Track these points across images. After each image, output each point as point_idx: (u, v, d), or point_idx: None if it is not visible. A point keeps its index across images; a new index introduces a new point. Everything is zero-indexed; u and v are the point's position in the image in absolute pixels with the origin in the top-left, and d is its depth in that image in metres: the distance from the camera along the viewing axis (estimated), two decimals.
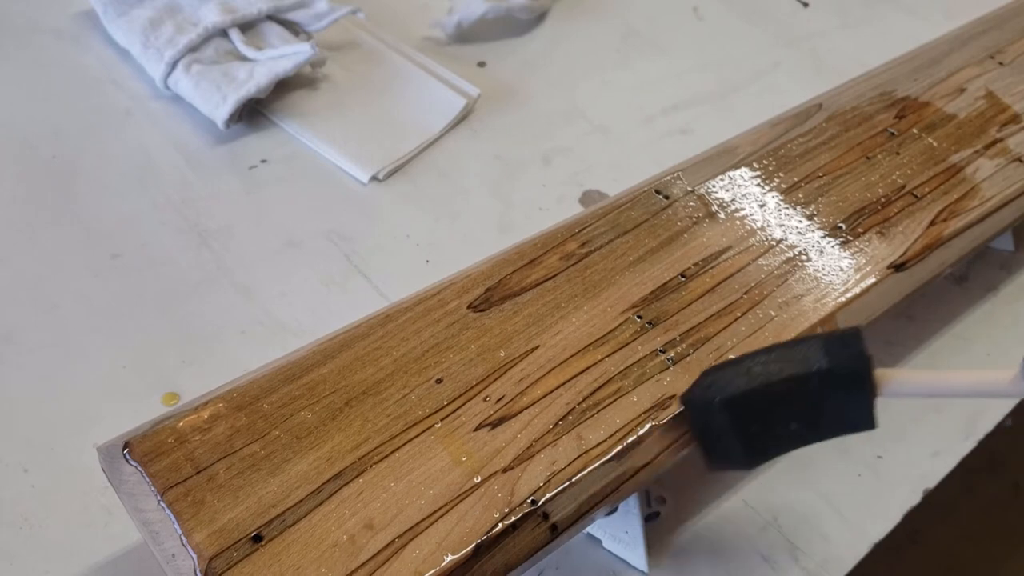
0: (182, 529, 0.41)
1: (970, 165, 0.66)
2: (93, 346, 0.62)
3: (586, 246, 0.57)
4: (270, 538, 0.42)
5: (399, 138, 0.78)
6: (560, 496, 0.45)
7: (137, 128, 0.77)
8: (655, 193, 0.61)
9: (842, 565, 0.57)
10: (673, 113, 0.85)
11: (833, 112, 0.69)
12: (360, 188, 0.75)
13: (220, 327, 0.64)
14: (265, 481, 0.43)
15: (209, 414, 0.46)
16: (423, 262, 0.70)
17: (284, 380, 0.48)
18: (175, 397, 0.59)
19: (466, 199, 0.75)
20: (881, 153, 0.66)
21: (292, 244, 0.70)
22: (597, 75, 0.89)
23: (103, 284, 0.65)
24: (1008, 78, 0.74)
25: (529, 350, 0.50)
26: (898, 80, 0.72)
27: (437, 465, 0.45)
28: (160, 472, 0.43)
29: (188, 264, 0.67)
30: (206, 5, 0.79)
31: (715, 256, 0.57)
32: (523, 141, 0.81)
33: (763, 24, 0.97)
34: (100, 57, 0.82)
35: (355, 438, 0.46)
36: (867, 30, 0.97)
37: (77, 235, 0.68)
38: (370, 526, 0.42)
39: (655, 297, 0.54)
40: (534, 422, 0.47)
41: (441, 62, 0.85)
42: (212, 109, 0.75)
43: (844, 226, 0.60)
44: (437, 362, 0.49)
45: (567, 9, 0.95)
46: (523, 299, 0.53)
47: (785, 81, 0.90)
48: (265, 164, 0.75)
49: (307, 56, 0.77)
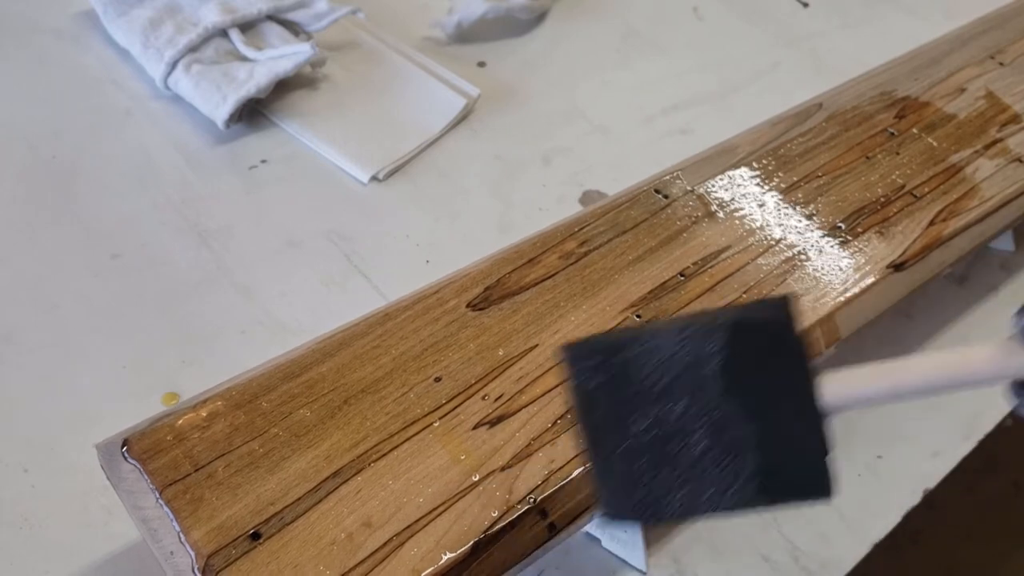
0: (180, 527, 0.41)
1: (970, 165, 0.66)
2: (93, 346, 0.62)
3: (585, 245, 0.56)
4: (268, 536, 0.42)
5: (399, 138, 0.78)
6: (558, 494, 0.45)
7: (137, 128, 0.77)
8: (655, 192, 0.61)
9: (842, 565, 0.57)
10: (673, 113, 0.85)
11: (833, 112, 0.69)
12: (360, 188, 0.75)
13: (220, 327, 0.64)
14: (264, 479, 0.43)
15: (208, 412, 0.46)
16: (423, 262, 0.70)
17: (283, 378, 0.48)
18: (175, 397, 0.59)
19: (466, 199, 0.75)
20: (881, 153, 0.66)
21: (292, 244, 0.70)
22: (597, 75, 0.89)
23: (103, 284, 0.65)
24: (1008, 78, 0.74)
25: (528, 349, 0.50)
26: (898, 80, 0.72)
27: (436, 463, 0.45)
28: (159, 470, 0.43)
29: (188, 264, 0.67)
30: (206, 5, 0.79)
31: (714, 255, 0.57)
32: (523, 141, 0.81)
33: (763, 24, 0.97)
34: (100, 57, 0.82)
35: (354, 436, 0.46)
36: (867, 30, 0.97)
37: (77, 235, 0.68)
38: (368, 524, 0.42)
39: (654, 296, 0.54)
40: (533, 421, 0.47)
41: (441, 62, 0.85)
42: (212, 109, 0.75)
43: (843, 226, 0.60)
44: (436, 360, 0.49)
45: (567, 9, 0.95)
46: (522, 298, 0.53)
47: (785, 81, 0.90)
48: (265, 164, 0.75)
49: (307, 56, 0.77)
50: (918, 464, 0.62)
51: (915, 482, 0.61)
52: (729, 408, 0.35)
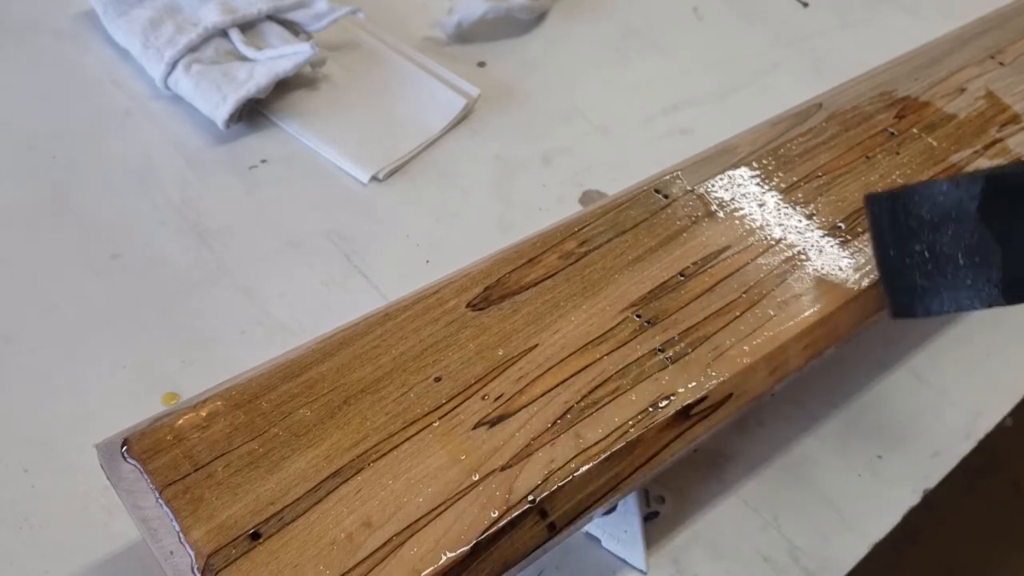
0: (180, 526, 0.41)
1: (970, 165, 0.66)
2: (93, 346, 0.62)
3: (585, 245, 0.56)
4: (268, 535, 0.42)
5: (399, 138, 0.78)
6: (558, 494, 0.45)
7: (137, 128, 0.77)
8: (654, 192, 0.61)
9: (842, 565, 0.57)
10: (673, 113, 0.85)
11: (833, 112, 0.68)
12: (360, 188, 0.75)
13: (220, 327, 0.64)
14: (263, 479, 0.43)
15: (208, 412, 0.46)
16: (423, 262, 0.70)
17: (283, 378, 0.48)
18: (175, 397, 0.59)
19: (466, 199, 0.75)
20: (881, 153, 0.65)
21: (292, 244, 0.70)
22: (597, 75, 0.89)
23: (103, 284, 0.66)
24: (1008, 78, 0.74)
25: (528, 349, 0.50)
26: (898, 80, 0.72)
27: (435, 463, 0.45)
28: (159, 469, 0.43)
29: (188, 264, 0.68)
30: (206, 5, 0.79)
31: (714, 255, 0.57)
32: (523, 141, 0.81)
33: (763, 24, 0.97)
34: (100, 57, 0.82)
35: (354, 436, 0.46)
36: (867, 30, 0.97)
37: (77, 235, 0.68)
38: (368, 524, 0.42)
39: (654, 296, 0.54)
40: (532, 420, 0.47)
41: (441, 62, 0.85)
42: (212, 109, 0.75)
43: (843, 226, 0.60)
44: (436, 360, 0.49)
45: (567, 9, 0.95)
46: (522, 298, 0.53)
47: (785, 81, 0.90)
48: (265, 164, 0.75)
49: (307, 56, 0.77)
50: (918, 464, 0.62)
51: (915, 482, 0.61)
52: (982, 234, 0.48)
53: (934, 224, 0.49)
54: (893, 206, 0.50)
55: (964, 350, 0.69)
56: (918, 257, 0.50)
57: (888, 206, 0.51)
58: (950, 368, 0.68)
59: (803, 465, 0.61)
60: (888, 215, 0.51)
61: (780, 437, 0.63)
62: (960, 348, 0.69)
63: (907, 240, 0.50)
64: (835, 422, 0.64)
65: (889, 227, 0.51)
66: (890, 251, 0.51)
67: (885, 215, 0.51)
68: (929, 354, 0.69)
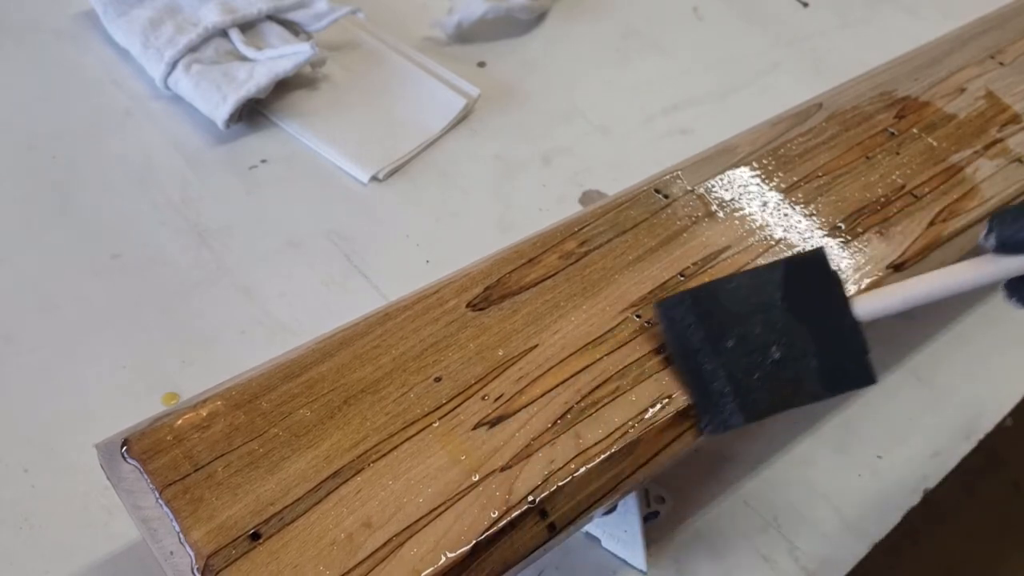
0: (180, 527, 0.41)
1: (970, 165, 0.66)
2: (93, 346, 0.62)
3: (585, 245, 0.56)
4: (268, 536, 0.42)
5: (399, 138, 0.78)
6: (558, 495, 0.45)
7: (137, 128, 0.77)
8: (655, 192, 0.61)
9: (842, 565, 0.57)
10: (673, 113, 0.85)
11: (833, 112, 0.68)
12: (360, 188, 0.75)
13: (220, 327, 0.64)
14: (263, 479, 0.43)
15: (208, 412, 0.46)
16: (423, 262, 0.70)
17: (283, 378, 0.48)
18: (175, 397, 0.59)
19: (466, 199, 0.75)
20: (881, 153, 0.65)
21: (292, 244, 0.70)
22: (597, 75, 0.89)
23: (103, 284, 0.66)
24: (1008, 78, 0.74)
25: (528, 349, 0.50)
26: (898, 80, 0.72)
27: (435, 463, 0.45)
28: (159, 470, 0.43)
29: (188, 264, 0.67)
30: (206, 5, 0.79)
31: (714, 255, 0.57)
32: (523, 141, 0.81)
33: (763, 24, 0.97)
34: (100, 57, 0.82)
35: (353, 436, 0.45)
36: (867, 30, 0.97)
37: (77, 235, 0.68)
38: (368, 524, 0.42)
39: (654, 296, 0.54)
40: (532, 421, 0.47)
41: (441, 62, 0.85)
42: (212, 109, 0.75)
43: (843, 226, 0.60)
44: (436, 360, 0.49)
45: (567, 9, 0.95)
46: (522, 298, 0.53)
47: (785, 81, 0.90)
48: (265, 164, 0.75)
49: (307, 56, 0.77)
50: (918, 464, 0.62)
51: (915, 482, 0.61)
52: (791, 325, 0.48)
53: (741, 317, 0.48)
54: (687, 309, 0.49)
55: (964, 350, 0.69)
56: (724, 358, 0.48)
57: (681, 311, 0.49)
58: (950, 368, 0.68)
59: (803, 465, 0.61)
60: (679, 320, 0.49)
61: (780, 437, 0.63)
62: (960, 348, 0.69)
63: (716, 338, 0.48)
64: (835, 422, 0.64)
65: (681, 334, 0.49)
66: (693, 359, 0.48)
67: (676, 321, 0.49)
68: (929, 354, 0.69)
